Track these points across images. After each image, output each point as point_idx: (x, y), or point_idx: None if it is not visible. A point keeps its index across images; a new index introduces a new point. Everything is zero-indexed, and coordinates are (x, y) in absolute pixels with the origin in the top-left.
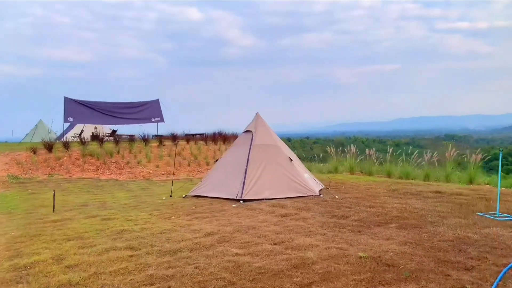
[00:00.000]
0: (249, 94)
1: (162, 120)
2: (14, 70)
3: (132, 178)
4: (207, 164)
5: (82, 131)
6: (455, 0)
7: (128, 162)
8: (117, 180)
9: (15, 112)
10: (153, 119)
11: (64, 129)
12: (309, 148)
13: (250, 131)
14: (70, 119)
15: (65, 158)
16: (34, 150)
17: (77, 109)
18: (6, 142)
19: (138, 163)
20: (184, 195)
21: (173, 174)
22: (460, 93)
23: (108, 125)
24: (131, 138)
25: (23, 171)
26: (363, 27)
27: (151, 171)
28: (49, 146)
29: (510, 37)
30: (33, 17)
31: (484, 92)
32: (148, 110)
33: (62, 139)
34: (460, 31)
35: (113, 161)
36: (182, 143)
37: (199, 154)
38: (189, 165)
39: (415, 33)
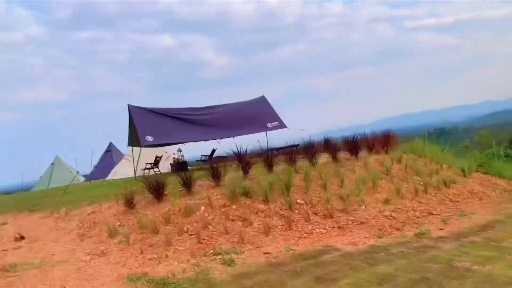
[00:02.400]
0: None
1: (282, 125)
2: None
3: (379, 235)
4: (446, 184)
5: (158, 158)
6: None
7: (327, 201)
8: (375, 246)
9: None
10: (269, 125)
11: (98, 161)
12: None
13: None
14: (149, 138)
15: (203, 208)
16: (129, 201)
17: (157, 123)
18: (19, 191)
19: (343, 199)
20: None
21: None
22: (437, 87)
23: (201, 141)
24: (291, 155)
25: (143, 256)
26: (335, 34)
27: (390, 214)
28: (156, 188)
29: (476, 28)
30: (4, 62)
31: (459, 83)
32: (260, 113)
33: (110, 177)
34: (428, 27)
35: (300, 201)
36: (363, 156)
37: (424, 169)
38: (426, 191)
39: (386, 35)
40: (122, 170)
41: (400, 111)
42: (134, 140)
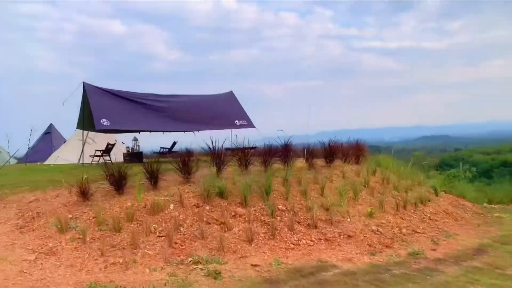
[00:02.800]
0: None
1: (250, 124)
2: None
3: (371, 252)
4: (422, 202)
5: (110, 145)
6: (369, 21)
7: (309, 209)
8: (374, 265)
9: None
10: (237, 122)
11: (34, 143)
12: None
13: None
14: (105, 122)
15: (172, 206)
16: (83, 191)
17: (115, 106)
18: None
19: (327, 209)
20: None
21: None
22: (375, 107)
23: (156, 131)
24: (267, 157)
25: (105, 259)
26: (288, 44)
27: (377, 229)
28: (117, 179)
29: (416, 56)
30: None
31: (395, 106)
32: (228, 109)
33: (50, 161)
34: (373, 50)
35: (281, 207)
36: (337, 164)
37: (399, 184)
38: (405, 207)
39: (335, 51)
40: (65, 155)
41: (339, 125)
42: (87, 123)
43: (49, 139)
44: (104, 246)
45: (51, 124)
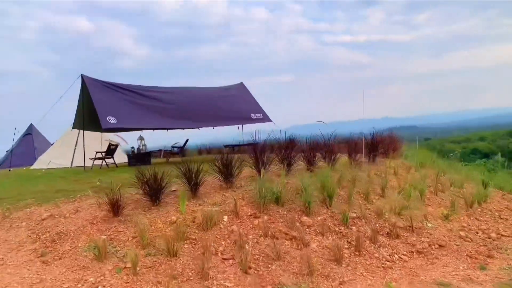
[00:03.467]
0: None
1: (267, 118)
2: None
3: (479, 266)
4: (483, 198)
5: (112, 146)
6: (339, 15)
7: (379, 215)
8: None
9: None
10: (253, 116)
11: (15, 145)
12: None
13: None
14: (112, 119)
15: (226, 218)
16: (114, 204)
17: (119, 101)
18: None
19: (398, 214)
20: None
21: None
22: (347, 100)
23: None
24: (310, 154)
25: None
26: (259, 39)
27: (466, 235)
28: (154, 187)
29: (384, 48)
30: None
31: (366, 98)
32: (242, 103)
33: (38, 166)
34: (344, 44)
35: (352, 214)
36: (380, 161)
37: (454, 179)
38: (471, 206)
39: (306, 46)
40: (58, 159)
41: (310, 119)
42: (88, 121)
43: (30, 140)
44: (165, 278)
45: (31, 124)
